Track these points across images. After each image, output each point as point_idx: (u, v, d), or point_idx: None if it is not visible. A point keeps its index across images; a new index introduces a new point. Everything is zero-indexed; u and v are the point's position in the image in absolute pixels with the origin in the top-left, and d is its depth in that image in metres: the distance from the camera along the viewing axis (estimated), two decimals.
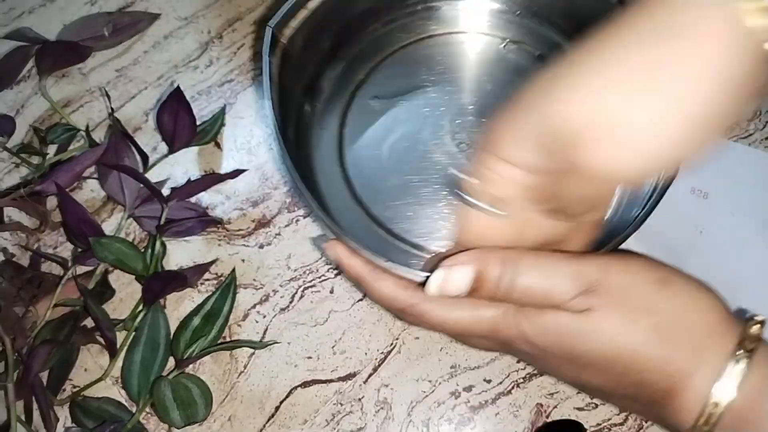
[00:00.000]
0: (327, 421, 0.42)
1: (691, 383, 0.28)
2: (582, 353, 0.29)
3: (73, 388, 0.43)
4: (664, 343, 0.28)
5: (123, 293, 0.46)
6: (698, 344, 0.28)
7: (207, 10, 0.57)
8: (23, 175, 0.50)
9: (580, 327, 0.28)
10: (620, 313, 0.28)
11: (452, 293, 0.30)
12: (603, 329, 0.28)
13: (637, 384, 0.29)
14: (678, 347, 0.28)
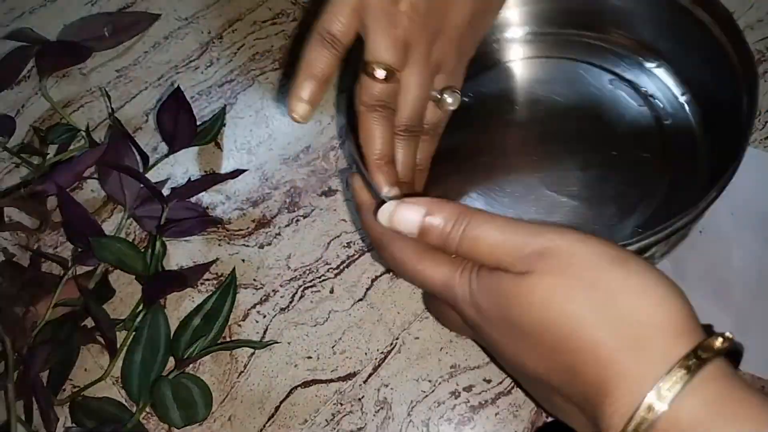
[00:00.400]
0: (327, 420, 0.42)
1: (624, 383, 0.25)
2: (516, 318, 0.27)
3: (73, 388, 0.43)
4: (602, 323, 0.25)
5: (123, 293, 0.46)
6: (640, 337, 0.25)
7: (207, 11, 0.57)
8: (23, 175, 0.50)
9: (517, 287, 0.27)
10: (561, 280, 0.26)
11: (402, 228, 0.30)
12: (538, 292, 0.26)
13: (568, 368, 0.26)
14: (612, 332, 0.25)
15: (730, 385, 0.24)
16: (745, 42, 0.37)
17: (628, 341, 0.25)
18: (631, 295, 0.26)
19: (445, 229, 0.30)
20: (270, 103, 0.53)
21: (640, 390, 0.24)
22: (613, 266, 0.26)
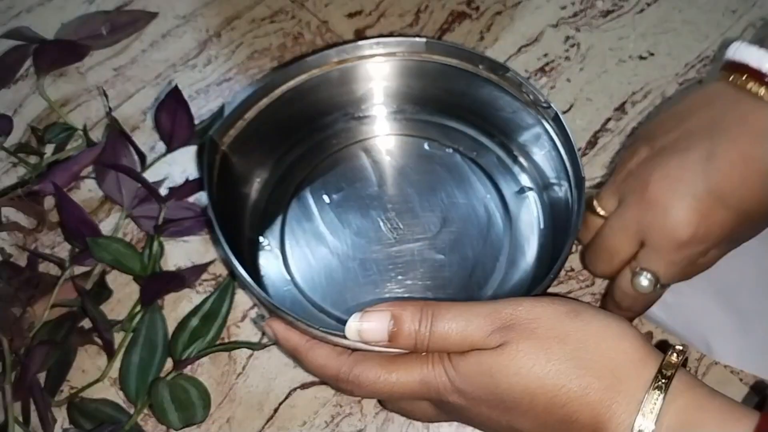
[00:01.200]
0: (326, 422, 0.42)
1: (615, 416, 0.28)
2: (505, 390, 0.30)
3: (70, 389, 0.43)
4: (580, 370, 0.29)
5: (121, 294, 0.46)
6: (616, 372, 0.29)
7: (205, 9, 0.56)
8: (20, 175, 0.50)
9: (498, 361, 0.29)
10: (534, 343, 0.29)
11: (371, 338, 0.32)
12: (519, 360, 0.29)
13: (563, 420, 0.29)
14: (595, 375, 0.29)
15: (697, 392, 0.28)
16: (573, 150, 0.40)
17: (608, 380, 0.29)
18: (597, 340, 0.29)
19: (412, 329, 0.31)
20: None
21: (629, 418, 0.28)
22: (571, 319, 0.30)
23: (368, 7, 0.56)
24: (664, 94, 0.52)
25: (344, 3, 0.56)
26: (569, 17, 0.55)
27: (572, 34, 0.54)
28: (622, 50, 0.53)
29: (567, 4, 0.56)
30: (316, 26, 0.55)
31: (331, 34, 0.55)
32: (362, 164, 0.47)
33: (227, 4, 0.56)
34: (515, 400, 0.30)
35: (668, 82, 0.52)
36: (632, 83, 0.52)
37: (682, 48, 0.53)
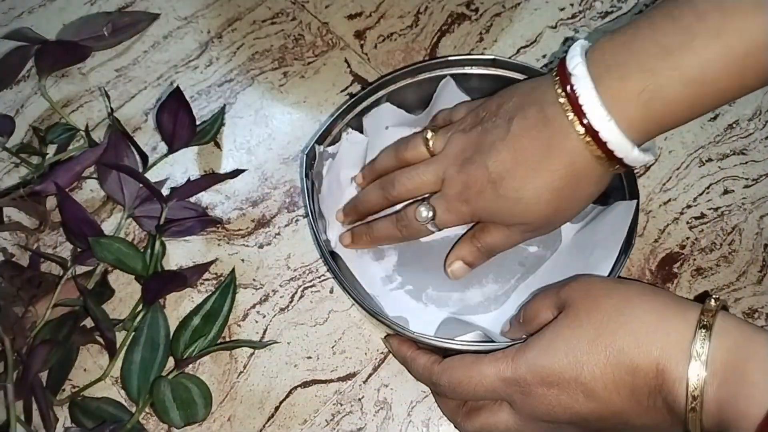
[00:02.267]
0: (327, 421, 0.42)
1: (672, 358, 0.31)
2: (573, 348, 0.33)
3: (72, 388, 0.43)
4: (628, 316, 0.32)
5: (122, 293, 0.46)
6: (662, 316, 0.32)
7: (207, 10, 0.57)
8: (23, 175, 0.50)
9: (564, 323, 0.34)
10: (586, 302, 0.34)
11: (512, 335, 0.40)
12: (580, 317, 0.34)
13: (626, 368, 0.32)
14: (642, 319, 0.32)
15: (743, 330, 0.31)
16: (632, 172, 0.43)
17: (656, 323, 0.32)
18: (638, 293, 0.34)
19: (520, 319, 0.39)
20: (269, 102, 0.53)
21: (683, 357, 0.30)
22: (615, 285, 0.35)
23: (368, 9, 0.56)
24: None
25: (345, 4, 0.56)
26: (568, 18, 0.55)
27: (571, 35, 0.54)
28: None
29: (566, 6, 0.56)
30: (317, 28, 0.55)
31: (331, 35, 0.55)
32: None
33: (228, 6, 0.57)
34: (582, 359, 0.33)
35: None
36: None
37: None
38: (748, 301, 0.45)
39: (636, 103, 0.34)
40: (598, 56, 0.36)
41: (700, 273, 0.46)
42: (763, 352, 0.29)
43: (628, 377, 0.32)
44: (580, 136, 0.35)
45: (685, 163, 0.49)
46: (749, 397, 0.28)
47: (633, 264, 0.46)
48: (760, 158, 0.49)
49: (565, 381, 0.33)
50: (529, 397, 0.34)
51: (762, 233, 0.47)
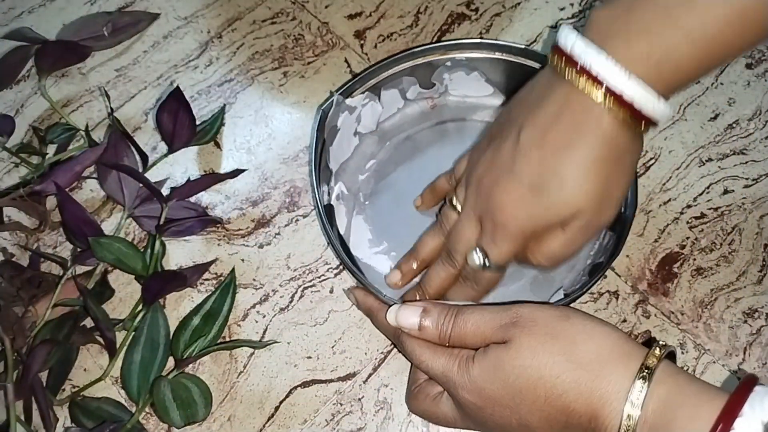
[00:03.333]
0: (327, 421, 0.42)
1: (607, 403, 0.31)
2: (513, 383, 0.33)
3: (72, 388, 0.43)
4: (572, 364, 0.32)
5: (122, 293, 0.46)
6: (604, 365, 0.32)
7: (206, 10, 0.57)
8: (23, 175, 0.50)
9: (507, 353, 0.34)
10: (533, 339, 0.34)
11: (404, 324, 0.38)
12: (522, 353, 0.33)
13: (563, 410, 0.32)
14: (585, 368, 0.32)
15: (678, 379, 0.31)
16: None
17: (598, 371, 0.32)
18: (585, 338, 0.33)
19: (438, 325, 0.37)
20: (269, 102, 0.53)
21: (619, 405, 0.31)
22: (562, 321, 0.34)
23: (368, 9, 0.56)
24: None
25: (344, 4, 0.56)
26: (568, 18, 0.55)
27: None
28: None
29: (566, 6, 0.56)
30: (317, 27, 0.55)
31: (331, 35, 0.55)
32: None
33: (228, 6, 0.57)
34: (521, 392, 0.33)
35: None
36: None
37: None
38: (748, 301, 0.45)
39: (647, 64, 0.33)
40: (595, 28, 0.35)
41: (700, 273, 0.46)
42: (693, 400, 0.30)
43: (562, 417, 0.33)
44: (603, 104, 0.34)
45: (685, 163, 0.49)
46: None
47: (633, 264, 0.46)
48: (760, 158, 0.49)
49: (501, 406, 0.34)
50: (464, 402, 0.35)
51: (762, 233, 0.47)
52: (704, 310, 0.44)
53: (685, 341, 0.44)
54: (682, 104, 0.51)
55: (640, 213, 0.47)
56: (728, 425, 0.28)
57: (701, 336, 0.44)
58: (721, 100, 0.51)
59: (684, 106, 0.51)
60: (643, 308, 0.45)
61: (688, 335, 0.44)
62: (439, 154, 0.49)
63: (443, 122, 0.51)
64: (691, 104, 0.51)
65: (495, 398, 0.34)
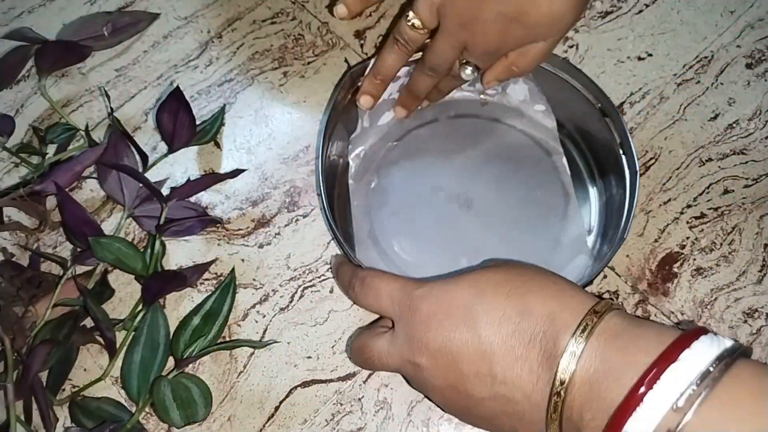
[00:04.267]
0: (327, 420, 0.42)
1: (568, 309, 0.32)
2: (479, 283, 0.34)
3: (72, 388, 0.43)
4: (540, 277, 0.34)
5: (122, 293, 0.46)
6: (569, 286, 0.33)
7: (206, 10, 0.57)
8: (23, 175, 0.50)
9: (479, 268, 0.36)
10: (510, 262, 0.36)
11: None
12: (497, 267, 0.35)
13: (519, 309, 0.32)
14: (554, 282, 0.33)
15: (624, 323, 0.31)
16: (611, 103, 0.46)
17: (563, 286, 0.33)
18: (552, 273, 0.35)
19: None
20: (269, 102, 0.53)
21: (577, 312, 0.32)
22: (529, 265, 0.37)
23: (368, 9, 0.56)
24: (662, 94, 0.52)
25: None
26: None
27: (571, 35, 0.54)
28: (620, 51, 0.54)
29: None
30: (317, 27, 0.55)
31: (331, 35, 0.55)
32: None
33: (228, 6, 0.57)
34: (484, 292, 0.34)
35: (666, 82, 0.52)
36: (630, 84, 0.52)
37: (681, 49, 0.54)
38: (748, 301, 0.45)
39: None
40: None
41: (700, 273, 0.46)
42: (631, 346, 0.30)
43: (516, 317, 0.32)
44: None
45: (685, 163, 0.49)
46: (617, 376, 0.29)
47: (633, 264, 0.46)
48: (760, 158, 0.49)
49: (456, 307, 0.34)
50: (415, 314, 0.35)
51: (762, 233, 0.47)
52: (704, 310, 0.44)
53: None
54: (682, 104, 0.51)
55: (640, 213, 0.47)
56: (657, 375, 0.27)
57: None
58: (721, 100, 0.51)
59: (684, 106, 0.51)
60: (643, 308, 0.45)
61: None
62: (465, 148, 0.49)
63: (489, 119, 0.51)
64: (691, 104, 0.51)
65: (455, 299, 0.34)
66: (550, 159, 0.48)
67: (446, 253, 0.45)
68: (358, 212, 0.47)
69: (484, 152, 0.49)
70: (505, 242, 0.45)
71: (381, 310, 0.38)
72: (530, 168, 0.48)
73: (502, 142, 0.49)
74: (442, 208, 0.47)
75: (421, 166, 0.49)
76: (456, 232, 0.46)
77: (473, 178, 0.48)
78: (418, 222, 0.47)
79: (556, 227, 0.46)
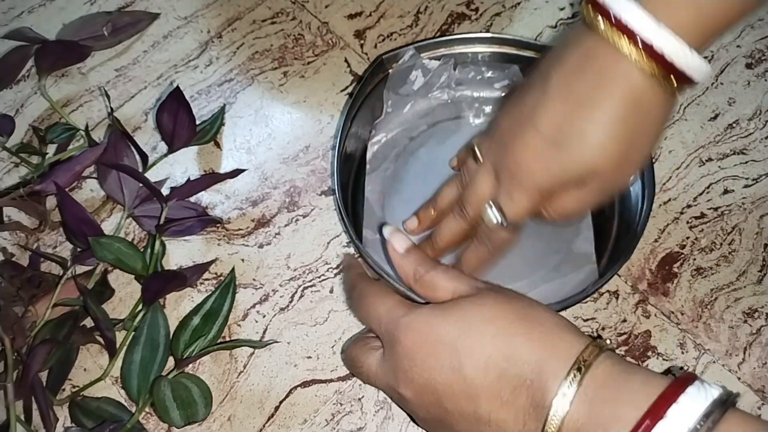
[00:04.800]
0: (327, 420, 0.42)
1: (556, 359, 0.30)
2: (465, 318, 0.32)
3: (72, 388, 0.43)
4: (531, 318, 0.32)
5: (122, 293, 0.46)
6: (560, 329, 0.32)
7: (206, 10, 0.57)
8: (23, 175, 0.50)
9: (468, 298, 0.34)
10: (501, 295, 0.34)
11: (394, 242, 0.38)
12: (486, 299, 0.33)
13: (506, 354, 0.31)
14: (543, 324, 0.32)
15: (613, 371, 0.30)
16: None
17: (552, 329, 0.32)
18: (544, 310, 0.33)
19: (420, 259, 0.37)
20: (269, 102, 0.53)
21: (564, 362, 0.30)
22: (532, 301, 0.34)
23: (368, 9, 0.56)
24: None
25: (344, 4, 0.56)
26: (568, 18, 0.55)
27: None
28: None
29: (565, 5, 0.56)
30: (317, 27, 0.55)
31: (331, 35, 0.55)
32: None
33: (228, 6, 0.57)
34: (470, 328, 0.32)
35: None
36: None
37: None
38: (748, 301, 0.45)
39: (686, 5, 0.32)
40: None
41: (700, 273, 0.46)
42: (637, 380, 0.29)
43: (503, 362, 0.31)
44: (631, 56, 0.32)
45: (685, 163, 0.49)
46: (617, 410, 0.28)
47: (633, 264, 0.46)
48: (760, 158, 0.49)
49: (441, 343, 0.32)
50: (399, 346, 0.34)
51: (762, 233, 0.47)
52: (704, 310, 0.44)
53: (685, 341, 0.44)
54: (682, 104, 0.51)
55: None
56: (650, 427, 0.27)
57: (701, 336, 0.44)
58: (721, 100, 0.51)
59: (684, 105, 0.51)
60: (643, 308, 0.45)
61: (688, 335, 0.44)
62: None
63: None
64: (691, 104, 0.51)
65: (439, 334, 0.33)
66: None
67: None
68: (371, 196, 0.47)
69: None
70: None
71: (371, 329, 0.37)
72: None
73: None
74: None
75: (440, 160, 0.48)
76: None
77: None
78: None
79: (567, 238, 0.45)
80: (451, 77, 0.50)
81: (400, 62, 0.47)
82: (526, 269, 0.44)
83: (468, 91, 0.51)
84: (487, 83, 0.50)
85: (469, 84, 0.50)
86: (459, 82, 0.50)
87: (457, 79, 0.50)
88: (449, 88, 0.50)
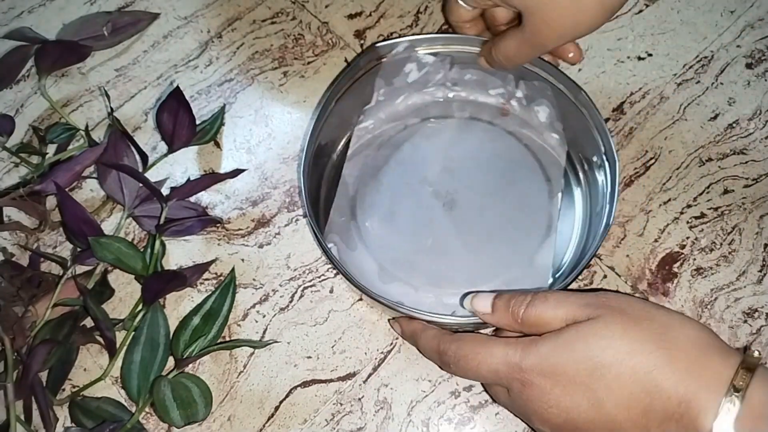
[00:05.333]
0: (327, 420, 0.42)
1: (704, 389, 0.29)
2: (597, 355, 0.31)
3: (72, 388, 0.43)
4: (667, 343, 0.31)
5: (122, 293, 0.46)
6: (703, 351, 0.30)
7: (206, 10, 0.57)
8: (22, 175, 0.50)
9: (593, 327, 0.32)
10: (625, 318, 0.32)
11: (478, 307, 0.37)
12: (613, 327, 0.31)
13: (648, 389, 0.30)
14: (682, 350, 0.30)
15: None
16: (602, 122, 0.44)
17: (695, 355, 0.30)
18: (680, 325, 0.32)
19: (510, 304, 0.36)
20: (269, 102, 0.53)
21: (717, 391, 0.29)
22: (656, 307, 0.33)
23: (368, 8, 0.56)
24: (662, 94, 0.52)
25: (344, 4, 0.56)
26: None
27: None
28: (620, 51, 0.54)
29: None
30: (317, 27, 0.55)
31: (331, 35, 0.55)
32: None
33: (228, 5, 0.57)
34: (604, 366, 0.31)
35: (666, 82, 0.52)
36: (630, 84, 0.52)
37: (681, 48, 0.54)
38: (748, 301, 0.45)
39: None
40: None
41: (700, 273, 0.46)
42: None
43: (646, 398, 0.30)
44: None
45: (685, 162, 0.49)
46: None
47: (633, 264, 0.46)
48: (760, 158, 0.49)
49: (573, 384, 0.31)
50: (529, 389, 0.33)
51: (762, 233, 0.47)
52: (704, 310, 0.44)
53: None
54: (682, 104, 0.51)
55: (640, 213, 0.47)
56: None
57: None
58: (721, 100, 0.51)
59: (684, 106, 0.51)
60: None
61: None
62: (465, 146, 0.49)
63: (503, 130, 0.50)
64: (691, 104, 0.51)
65: (569, 374, 0.31)
66: (548, 187, 0.47)
67: (411, 244, 0.45)
68: (348, 180, 0.48)
69: (485, 160, 0.48)
70: (473, 252, 0.45)
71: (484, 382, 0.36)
72: (525, 189, 0.47)
73: (507, 155, 0.49)
74: (424, 202, 0.47)
75: (420, 156, 0.49)
76: (429, 227, 0.46)
77: (465, 182, 0.48)
78: (395, 207, 0.47)
79: (526, 255, 0.45)
80: (447, 76, 0.50)
81: (394, 52, 0.47)
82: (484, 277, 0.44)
83: (463, 93, 0.51)
84: (483, 87, 0.50)
85: (464, 85, 0.50)
86: (455, 82, 0.50)
87: (453, 79, 0.50)
88: (444, 86, 0.50)
